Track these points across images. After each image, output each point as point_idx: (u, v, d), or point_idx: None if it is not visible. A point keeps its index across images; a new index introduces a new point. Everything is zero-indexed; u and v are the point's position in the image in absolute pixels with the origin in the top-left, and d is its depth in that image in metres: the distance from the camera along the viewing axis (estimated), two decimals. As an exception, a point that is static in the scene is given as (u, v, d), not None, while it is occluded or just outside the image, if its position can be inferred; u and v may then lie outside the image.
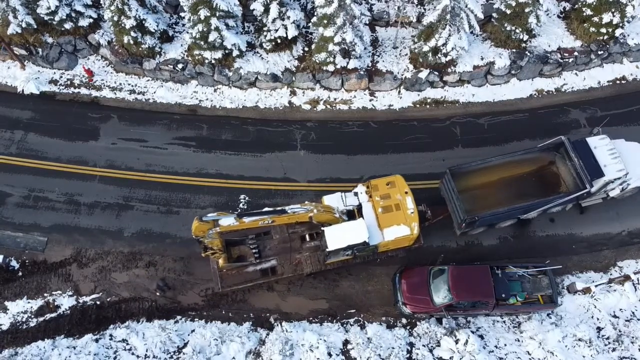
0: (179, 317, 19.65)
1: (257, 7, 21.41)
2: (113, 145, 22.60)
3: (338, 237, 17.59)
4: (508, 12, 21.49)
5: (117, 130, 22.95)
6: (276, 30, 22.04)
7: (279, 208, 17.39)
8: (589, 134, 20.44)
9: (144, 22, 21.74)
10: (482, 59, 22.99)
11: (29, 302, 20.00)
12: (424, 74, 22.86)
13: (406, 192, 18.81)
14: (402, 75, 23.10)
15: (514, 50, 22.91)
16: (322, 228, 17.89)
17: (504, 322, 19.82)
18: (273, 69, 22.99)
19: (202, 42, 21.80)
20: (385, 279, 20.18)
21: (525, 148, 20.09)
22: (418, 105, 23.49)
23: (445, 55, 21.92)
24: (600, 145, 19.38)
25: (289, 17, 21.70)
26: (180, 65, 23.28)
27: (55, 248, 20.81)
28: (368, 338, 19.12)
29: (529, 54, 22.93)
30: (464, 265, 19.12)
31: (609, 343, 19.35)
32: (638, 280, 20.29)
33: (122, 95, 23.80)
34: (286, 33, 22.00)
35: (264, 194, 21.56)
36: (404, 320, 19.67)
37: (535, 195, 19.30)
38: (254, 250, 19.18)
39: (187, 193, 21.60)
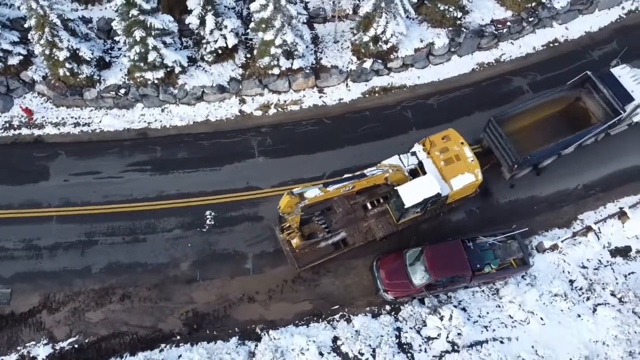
0: (163, 346, 19.19)
1: (192, 20, 21.13)
2: (65, 182, 21.80)
3: (412, 193, 18.17)
4: (439, -8, 22.06)
5: (67, 166, 22.14)
6: (215, 41, 21.82)
7: (358, 173, 17.92)
8: (608, 67, 21.51)
9: (77, 51, 21.08)
10: (421, 41, 23.50)
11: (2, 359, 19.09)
12: (368, 63, 23.15)
13: (462, 143, 19.52)
14: (347, 68, 23.32)
15: (451, 28, 23.52)
16: (395, 188, 18.35)
17: (483, 291, 20.36)
18: (218, 80, 22.75)
19: (141, 64, 21.33)
20: (364, 270, 20.36)
21: (551, 89, 21.22)
22: (367, 95, 23.78)
23: (386, 42, 22.27)
24: (623, 74, 20.86)
25: (226, 27, 21.51)
26: (122, 90, 22.70)
27: (20, 298, 19.88)
28: (356, 331, 19.27)
29: (465, 30, 23.59)
30: (436, 244, 19.52)
31: (583, 293, 20.23)
32: (599, 229, 21.29)
33: (67, 129, 22.98)
34: (226, 43, 21.82)
35: (229, 206, 21.32)
36: (387, 307, 19.90)
37: (568, 132, 20.48)
38: (323, 226, 19.67)
39: (150, 218, 21.10)
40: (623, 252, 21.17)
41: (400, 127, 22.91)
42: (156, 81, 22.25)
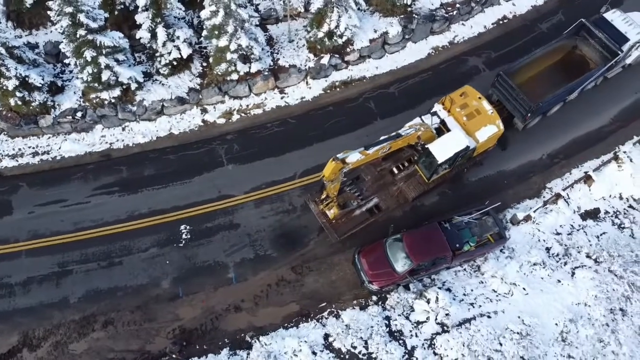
0: (153, 367, 18.84)
1: (143, 34, 20.73)
2: (31, 214, 21.09)
3: (443, 149, 18.88)
4: (387, -19, 22.26)
5: (31, 198, 21.43)
6: (169, 53, 21.47)
7: (393, 134, 18.44)
8: (599, 12, 22.65)
9: (27, 78, 20.39)
10: (375, 31, 23.66)
11: (-14, 405, 18.39)
12: (325, 59, 23.18)
13: (479, 97, 20.25)
14: (306, 66, 23.30)
15: (402, 16, 23.76)
16: (425, 146, 19.04)
17: (465, 269, 20.68)
18: (177, 92, 22.39)
19: (96, 84, 20.82)
20: (346, 264, 20.40)
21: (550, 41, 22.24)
22: (329, 91, 23.82)
23: (341, 36, 22.34)
24: (614, 17, 22.22)
25: (178, 37, 21.19)
26: (79, 114, 22.10)
27: (-2, 339, 19.18)
28: (346, 325, 19.31)
29: (416, 16, 23.88)
30: (414, 229, 19.71)
31: (560, 259, 20.78)
32: (568, 195, 21.89)
33: (25, 160, 22.23)
34: (180, 53, 21.49)
35: (204, 218, 21.03)
36: (374, 298, 20.00)
37: (567, 80, 21.51)
38: (356, 194, 20.15)
39: (124, 240, 20.62)
40: (593, 214, 21.84)
41: (365, 119, 23.04)
42: (113, 100, 21.74)
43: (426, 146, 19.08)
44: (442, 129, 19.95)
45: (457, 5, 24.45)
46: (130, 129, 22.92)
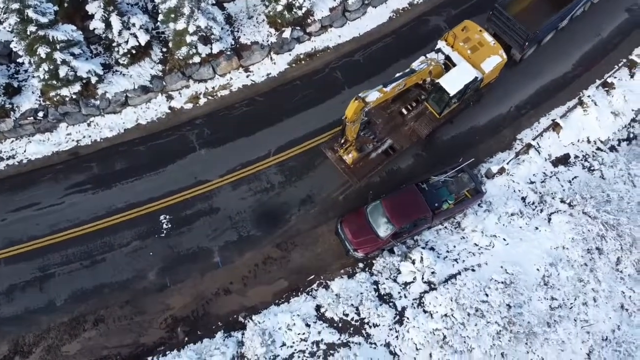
0: (150, 359, 18.85)
1: (96, 25, 20.07)
2: (4, 221, 20.57)
3: (453, 82, 19.46)
4: (340, -53, 21.89)
5: (2, 205, 20.84)
6: (126, 42, 20.86)
7: (407, 70, 19.17)
8: None
9: (-20, 83, 19.65)
10: (334, 0, 23.36)
11: (-16, 417, 18.25)
12: (287, 33, 22.86)
13: (480, 30, 20.82)
14: (268, 41, 22.95)
15: (359, -19, 23.51)
16: (436, 81, 19.68)
17: (446, 227, 21.10)
18: (139, 81, 21.86)
19: (54, 81, 20.15)
20: (329, 235, 20.59)
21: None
22: (294, 65, 23.57)
23: (300, 8, 22.01)
24: None
25: (134, 25, 20.58)
26: (40, 114, 21.42)
27: (-12, 350, 18.92)
28: (336, 295, 19.60)
29: (373, -20, 23.65)
30: (393, 193, 19.94)
31: (536, 206, 21.35)
32: (538, 144, 22.35)
33: (-9, 167, 21.59)
34: (138, 41, 20.90)
35: (182, 205, 20.86)
36: (361, 265, 20.30)
37: (558, 8, 22.11)
38: (371, 137, 20.51)
39: (104, 237, 20.34)
40: (563, 160, 22.40)
41: (333, 89, 22.94)
42: (74, 96, 21.12)
43: (436, 81, 19.64)
44: (448, 65, 20.38)
45: (414, -35, 24.27)
46: (96, 123, 22.37)
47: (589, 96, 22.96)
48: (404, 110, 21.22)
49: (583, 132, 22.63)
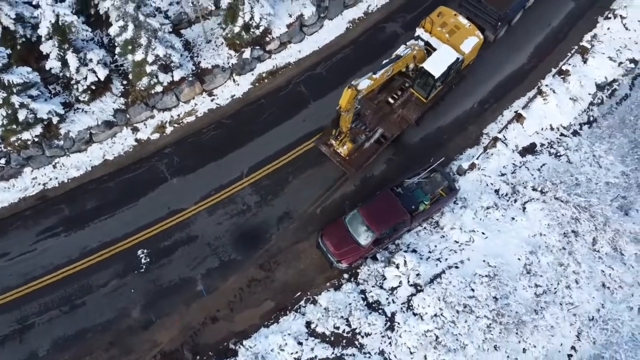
0: (142, 398, 18.38)
1: (53, 64, 19.70)
2: (-26, 275, 19.86)
3: (436, 64, 20.10)
4: (290, -36, 22.14)
5: (-29, 259, 20.17)
6: (85, 78, 20.54)
7: (393, 56, 19.83)
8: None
9: (-64, 135, 19.03)
10: (290, 16, 23.54)
11: None
12: (247, 53, 22.91)
13: (455, 14, 21.69)
14: (229, 63, 22.93)
15: (313, -5, 23.77)
16: (420, 66, 20.39)
17: (425, 228, 21.28)
18: (103, 116, 21.51)
19: (14, 126, 19.65)
20: (311, 250, 20.52)
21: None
22: (257, 84, 23.59)
23: (257, 27, 22.09)
24: None
25: (91, 60, 20.30)
26: (2, 160, 20.82)
27: (-30, 412, 18.11)
28: (325, 309, 19.49)
29: (327, -7, 23.94)
30: (369, 201, 20.04)
31: (510, 197, 21.74)
32: (504, 137, 22.85)
33: (-45, 221, 20.84)
34: (97, 76, 20.59)
35: (159, 237, 20.49)
36: (346, 276, 20.26)
37: None
38: (362, 128, 21.00)
39: (82, 280, 19.78)
40: (530, 149, 22.92)
41: (299, 104, 23.03)
42: (36, 139, 20.62)
43: (420, 66, 20.27)
44: (429, 50, 21.03)
45: (364, -25, 24.70)
46: (62, 164, 21.87)
47: (547, 85, 23.64)
48: (390, 100, 21.75)
49: (545, 120, 23.23)
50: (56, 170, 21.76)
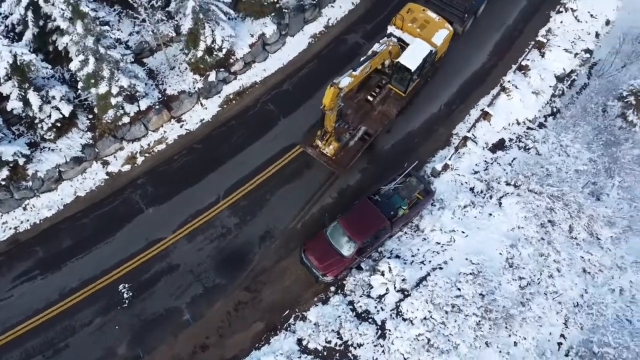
0: None
1: (14, 105, 19.32)
2: (-51, 329, 19.13)
3: (412, 58, 20.77)
4: (248, -15, 22.31)
5: (-56, 312, 19.42)
6: (49, 116, 20.19)
7: (370, 53, 20.33)
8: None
9: None
10: (252, 35, 23.66)
11: None
12: (212, 76, 22.89)
13: (424, 10, 22.54)
14: (195, 88, 22.87)
15: (273, 14, 23.92)
16: (396, 61, 21.01)
17: (406, 233, 21.42)
18: (71, 153, 21.13)
19: (-22, 171, 19.18)
20: (295, 266, 20.42)
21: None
22: (225, 106, 23.56)
23: (220, 49, 22.12)
24: None
25: (54, 97, 19.99)
26: (-31, 207, 20.29)
27: None
28: (315, 324, 19.37)
29: (286, 11, 24.12)
30: (349, 211, 20.09)
31: (485, 194, 22.08)
32: (474, 135, 23.25)
33: None
34: (61, 113, 20.27)
35: (140, 270, 20.11)
36: (332, 289, 20.20)
37: None
38: (345, 127, 21.50)
39: (63, 321, 19.24)
40: (500, 145, 23.39)
41: (269, 122, 23.06)
42: (3, 182, 20.10)
43: (396, 61, 20.89)
44: (402, 46, 21.57)
45: (321, -10, 25.04)
46: (32, 206, 21.36)
47: (509, 81, 24.23)
48: (369, 98, 22.31)
49: (511, 115, 23.77)
50: (27, 212, 21.23)
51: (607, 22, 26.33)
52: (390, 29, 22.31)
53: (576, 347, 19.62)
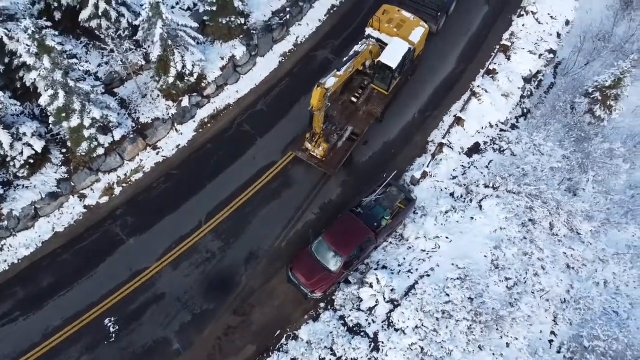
0: None
1: (-16, 145, 18.98)
2: None
3: (392, 56, 21.46)
4: (215, 9, 22.39)
5: None
6: (21, 153, 19.85)
7: (352, 53, 20.90)
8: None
9: None
10: (222, 58, 23.71)
11: None
12: (185, 102, 22.83)
13: (399, 10, 23.44)
14: (168, 114, 22.76)
15: (242, 36, 24.07)
16: (377, 60, 21.72)
17: (391, 243, 21.49)
18: (46, 189, 20.75)
19: (-50, 215, 18.68)
20: (283, 285, 20.28)
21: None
22: (201, 130, 23.48)
23: (192, 74, 22.13)
24: None
25: (25, 134, 19.69)
26: (-57, 253, 19.69)
27: None
28: (307, 342, 19.21)
29: (254, 32, 24.31)
30: (332, 226, 20.10)
31: (465, 198, 22.33)
32: (449, 141, 23.57)
33: None
34: (34, 149, 19.96)
35: (126, 302, 19.72)
36: (322, 305, 20.11)
37: None
38: (333, 128, 22.17)
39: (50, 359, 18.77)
40: (475, 149, 23.75)
41: (246, 143, 23.04)
42: (-23, 224, 19.65)
43: (377, 60, 21.58)
44: (381, 46, 22.28)
45: (288, 9, 25.28)
46: (9, 245, 20.82)
47: (478, 86, 24.71)
48: (353, 99, 22.99)
49: (484, 119, 24.19)
50: (4, 253, 20.69)
51: (567, 23, 27.16)
52: (369, 30, 23.08)
53: (567, 343, 19.79)
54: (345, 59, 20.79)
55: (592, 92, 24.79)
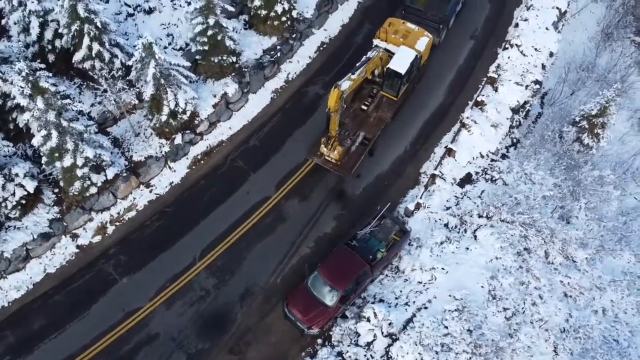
0: None
1: (-25, 187, 18.88)
2: None
3: (400, 63, 22.75)
4: (206, 48, 22.81)
5: None
6: (13, 194, 19.74)
7: (363, 59, 21.87)
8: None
9: None
10: (215, 96, 24.00)
11: None
12: (178, 139, 22.97)
13: (403, 22, 24.77)
14: (161, 152, 22.84)
15: (233, 74, 24.45)
16: (386, 67, 22.96)
17: (387, 275, 21.35)
18: (37, 229, 20.56)
19: (-60, 259, 18.40)
20: (279, 322, 19.98)
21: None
22: (194, 167, 23.55)
23: (184, 112, 22.33)
24: None
25: (17, 175, 19.64)
26: None
27: None
28: (305, 380, 18.79)
29: (246, 69, 24.71)
30: (327, 260, 19.98)
31: (459, 229, 22.34)
32: (441, 172, 23.77)
33: None
34: (25, 190, 19.87)
35: (119, 343, 19.31)
36: (319, 341, 19.80)
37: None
38: (346, 134, 23.15)
39: (39, 409, 18.17)
40: (467, 179, 23.93)
41: (239, 178, 23.10)
42: (-33, 267, 19.36)
43: (387, 67, 22.85)
44: (389, 56, 23.44)
45: (278, 47, 25.80)
46: (0, 288, 20.51)
47: (468, 117, 25.10)
48: (363, 107, 24.10)
49: (474, 149, 24.48)
50: (-6, 296, 20.32)
51: (551, 54, 27.89)
52: (376, 41, 24.16)
53: (569, 373, 19.53)
54: (357, 64, 21.78)
55: (579, 120, 25.26)
